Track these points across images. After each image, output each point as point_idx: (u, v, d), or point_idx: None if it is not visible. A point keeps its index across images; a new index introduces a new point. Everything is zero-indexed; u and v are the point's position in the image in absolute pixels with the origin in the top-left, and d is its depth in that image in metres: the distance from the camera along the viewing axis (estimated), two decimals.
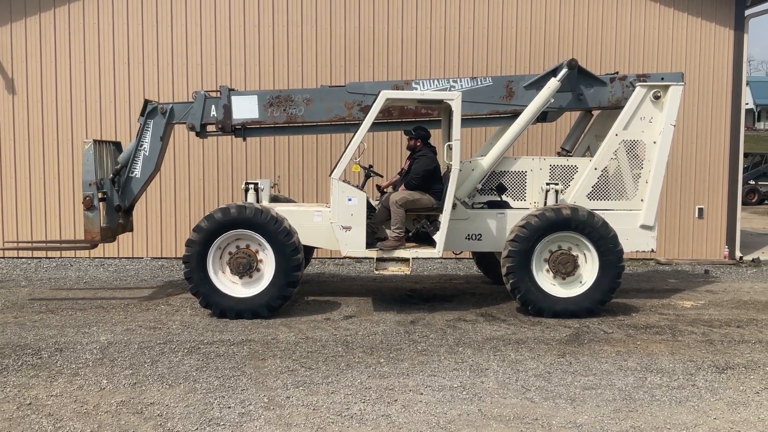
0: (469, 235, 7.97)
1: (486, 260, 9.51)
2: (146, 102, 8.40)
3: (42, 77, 11.19)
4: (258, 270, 7.45)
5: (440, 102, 7.83)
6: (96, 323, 7.19)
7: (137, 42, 11.20)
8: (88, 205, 8.09)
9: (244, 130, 8.54)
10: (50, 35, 11.13)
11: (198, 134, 8.54)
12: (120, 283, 9.51)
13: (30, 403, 4.90)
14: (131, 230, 8.99)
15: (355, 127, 7.64)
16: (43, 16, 11.11)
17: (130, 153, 8.41)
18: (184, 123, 8.43)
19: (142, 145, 8.32)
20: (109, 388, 5.23)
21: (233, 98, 8.34)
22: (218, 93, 8.36)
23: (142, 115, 8.37)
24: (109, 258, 11.16)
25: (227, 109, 8.32)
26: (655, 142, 8.01)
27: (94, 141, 8.18)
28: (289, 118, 8.39)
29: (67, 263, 10.95)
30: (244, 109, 8.35)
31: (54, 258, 11.13)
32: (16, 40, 11.13)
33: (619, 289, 7.73)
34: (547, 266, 7.59)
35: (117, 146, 8.88)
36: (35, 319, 7.36)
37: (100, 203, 8.17)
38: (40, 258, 11.07)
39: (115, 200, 8.38)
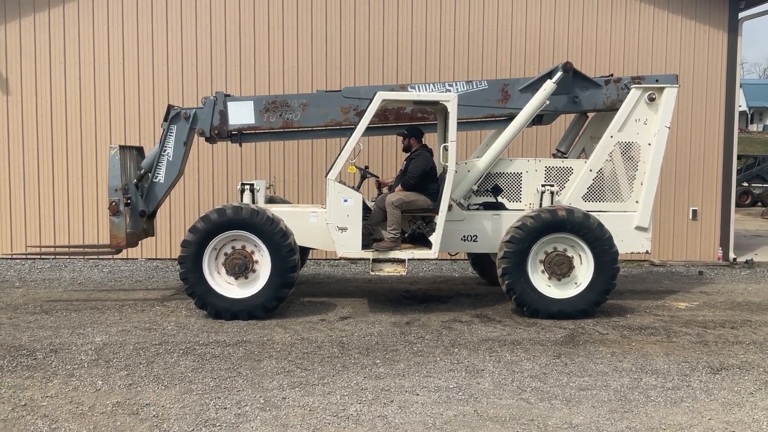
0: (464, 236, 7.98)
1: (481, 261, 9.53)
2: (169, 107, 8.36)
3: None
4: (254, 271, 7.45)
5: (436, 103, 7.84)
6: (91, 324, 7.17)
7: (132, 44, 11.22)
8: (114, 211, 8.07)
9: (240, 135, 8.53)
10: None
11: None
12: (115, 284, 9.48)
13: (25, 404, 4.89)
14: (153, 235, 8.97)
15: (351, 131, 7.65)
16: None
17: (153, 158, 8.37)
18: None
19: (165, 150, 8.28)
20: (104, 389, 5.22)
21: (229, 104, 8.31)
22: (214, 98, 8.35)
23: (165, 120, 8.32)
24: (103, 259, 11.13)
25: (223, 115, 8.31)
26: (649, 144, 8.03)
27: (120, 146, 8.17)
28: (285, 124, 8.37)
29: (61, 264, 10.91)
30: (241, 114, 8.32)
31: (48, 258, 11.09)
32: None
33: (614, 290, 7.75)
34: (542, 267, 7.61)
35: (139, 151, 8.86)
36: (30, 320, 7.33)
37: (126, 208, 8.16)
38: (34, 258, 11.03)
39: (139, 205, 8.36)
